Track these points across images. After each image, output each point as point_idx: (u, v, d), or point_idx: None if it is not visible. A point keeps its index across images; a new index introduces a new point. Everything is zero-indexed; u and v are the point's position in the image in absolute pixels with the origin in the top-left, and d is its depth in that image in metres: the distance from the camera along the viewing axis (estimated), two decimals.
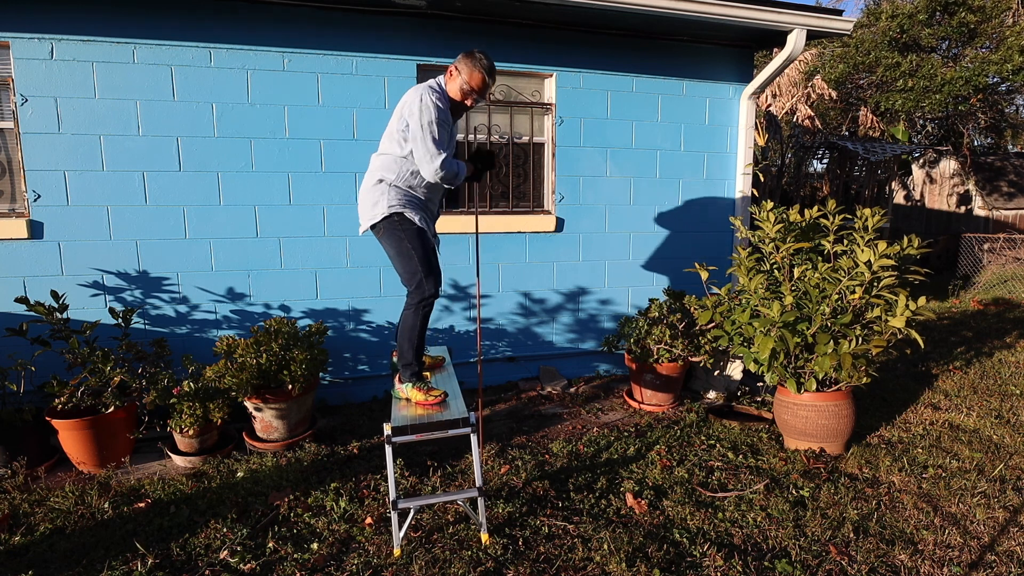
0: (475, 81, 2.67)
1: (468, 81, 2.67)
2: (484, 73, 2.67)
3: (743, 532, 2.58)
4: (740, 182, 4.99)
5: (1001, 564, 2.36)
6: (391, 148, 2.74)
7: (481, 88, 2.71)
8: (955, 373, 4.75)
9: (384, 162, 2.77)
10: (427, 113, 2.57)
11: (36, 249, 3.62)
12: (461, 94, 2.70)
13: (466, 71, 2.66)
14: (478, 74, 2.67)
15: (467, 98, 2.72)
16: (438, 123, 2.59)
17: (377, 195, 2.75)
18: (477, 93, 2.71)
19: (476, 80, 2.67)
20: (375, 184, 2.77)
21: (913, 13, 12.15)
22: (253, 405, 3.36)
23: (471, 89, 2.69)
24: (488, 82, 2.70)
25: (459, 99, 2.72)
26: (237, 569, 2.34)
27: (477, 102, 2.76)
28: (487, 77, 2.69)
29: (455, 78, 2.69)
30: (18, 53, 3.48)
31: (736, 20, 4.16)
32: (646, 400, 4.11)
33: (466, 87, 2.68)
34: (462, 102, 2.73)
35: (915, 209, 14.60)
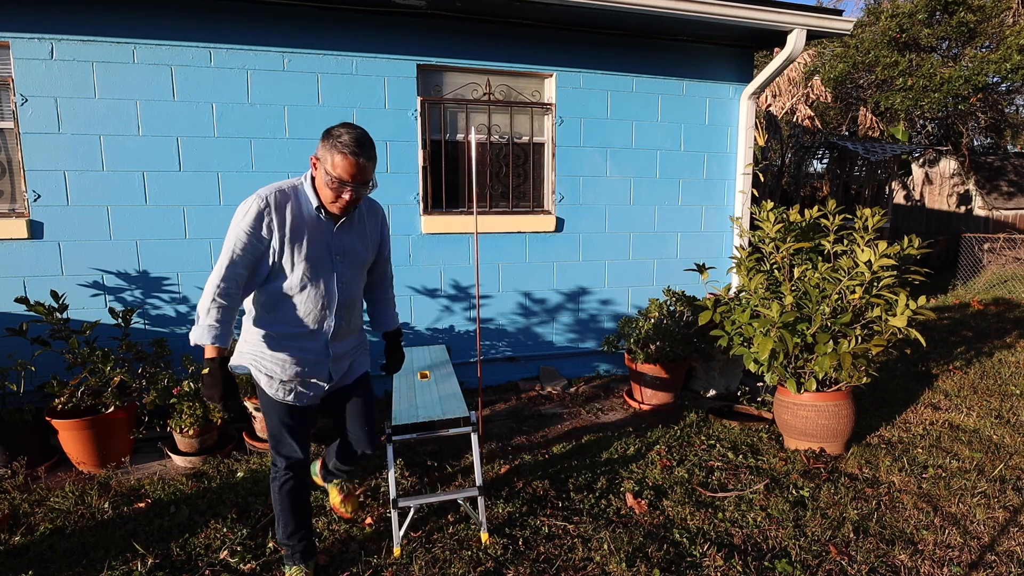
0: (340, 167, 1.85)
1: (331, 169, 1.87)
2: (348, 153, 1.84)
3: (743, 532, 2.58)
4: (740, 182, 4.99)
5: (1001, 564, 2.36)
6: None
7: (351, 174, 1.86)
8: (955, 373, 4.75)
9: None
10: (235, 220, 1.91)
11: (36, 249, 3.62)
12: (329, 188, 1.90)
13: (326, 157, 1.87)
14: (341, 158, 1.84)
15: (340, 192, 1.90)
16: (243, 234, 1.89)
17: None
18: (350, 183, 1.88)
19: (342, 165, 1.85)
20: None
21: (913, 12, 12.15)
22: (253, 405, 3.35)
23: (339, 180, 1.87)
24: (360, 163, 1.86)
25: (329, 197, 1.93)
26: (237, 569, 2.34)
27: (357, 194, 1.91)
28: (356, 157, 1.85)
29: (317, 169, 1.94)
30: (18, 53, 3.48)
31: (736, 20, 4.16)
32: (646, 400, 4.11)
33: (330, 178, 1.88)
34: (335, 199, 1.92)
35: (915, 209, 14.60)
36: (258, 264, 1.95)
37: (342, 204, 1.94)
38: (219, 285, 1.88)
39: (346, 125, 1.89)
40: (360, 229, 2.13)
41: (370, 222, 2.18)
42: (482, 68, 4.34)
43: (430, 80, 4.29)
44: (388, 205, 4.22)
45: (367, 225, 2.16)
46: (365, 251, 2.15)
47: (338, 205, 1.94)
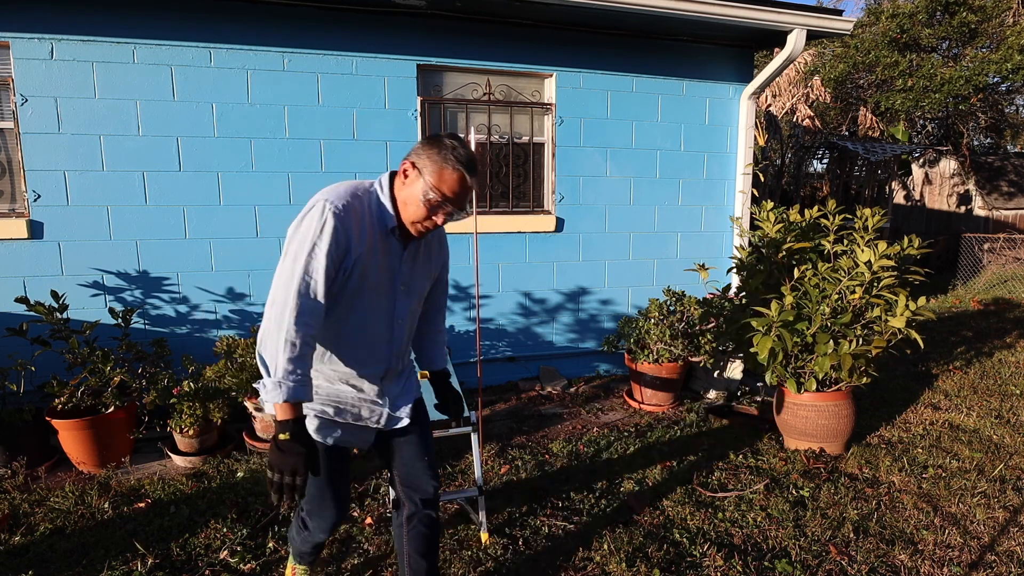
0: (448, 183, 1.54)
1: (436, 184, 1.53)
2: (462, 170, 1.54)
3: (743, 532, 2.58)
4: (740, 182, 4.99)
5: (1001, 564, 2.36)
6: None
7: (457, 194, 1.56)
8: (955, 373, 4.75)
9: None
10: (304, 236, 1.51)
11: (36, 249, 3.62)
12: (424, 206, 1.55)
13: (432, 168, 1.54)
14: (452, 172, 1.53)
15: (434, 212, 1.56)
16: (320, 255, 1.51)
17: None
18: (451, 203, 1.56)
19: (449, 181, 1.54)
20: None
21: (913, 12, 12.15)
22: (253, 405, 3.35)
23: (441, 197, 1.54)
24: (470, 184, 1.57)
25: (418, 215, 1.58)
26: (237, 569, 2.34)
27: (452, 218, 1.60)
28: (470, 176, 1.56)
29: (411, 179, 1.57)
30: (18, 53, 3.48)
31: (736, 20, 4.15)
32: (646, 400, 4.11)
33: (432, 194, 1.54)
34: (424, 219, 1.58)
35: (915, 209, 14.60)
36: None
37: (428, 226, 1.60)
38: (294, 324, 1.46)
39: (455, 137, 1.59)
40: (427, 255, 1.78)
41: (436, 247, 1.82)
42: (482, 68, 4.34)
43: (430, 80, 4.29)
44: None
45: (432, 250, 1.81)
46: (428, 280, 1.83)
47: (424, 226, 1.60)
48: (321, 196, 1.55)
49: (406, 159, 1.61)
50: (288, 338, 1.46)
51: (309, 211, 1.52)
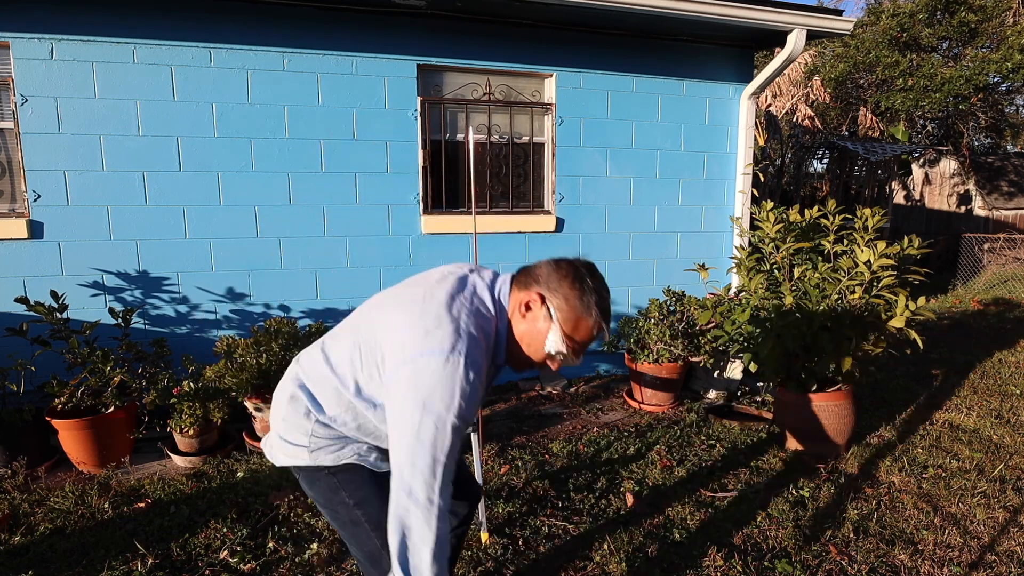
0: (583, 334, 1.36)
1: (570, 333, 1.35)
2: (602, 322, 1.36)
3: (743, 532, 2.58)
4: (740, 182, 4.99)
5: (1001, 564, 2.36)
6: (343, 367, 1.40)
7: (587, 341, 1.39)
8: (955, 373, 4.75)
9: (322, 374, 1.43)
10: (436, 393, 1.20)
11: (36, 249, 3.62)
12: (544, 353, 1.38)
13: (569, 314, 1.33)
14: (592, 324, 1.35)
15: (552, 360, 1.39)
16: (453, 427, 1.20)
17: (294, 418, 1.46)
18: (576, 349, 1.38)
19: (585, 333, 1.36)
20: (291, 398, 1.46)
21: (914, 12, 12.15)
22: (253, 405, 3.36)
23: (570, 351, 1.36)
24: (601, 331, 1.38)
25: (532, 359, 1.41)
26: (237, 569, 2.34)
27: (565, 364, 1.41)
28: (605, 326, 1.38)
29: (537, 316, 1.35)
30: (18, 53, 3.48)
31: (736, 20, 4.15)
32: (646, 400, 4.11)
33: (561, 346, 1.35)
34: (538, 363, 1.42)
35: (915, 209, 14.60)
36: None
37: (534, 367, 1.43)
38: (437, 500, 1.17)
39: (594, 273, 1.38)
40: None
41: None
42: (482, 68, 4.34)
43: (430, 80, 4.29)
44: (388, 205, 4.22)
45: None
46: None
47: (531, 365, 1.42)
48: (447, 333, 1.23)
49: (534, 286, 1.34)
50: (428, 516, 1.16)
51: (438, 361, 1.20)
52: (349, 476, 1.49)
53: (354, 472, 1.49)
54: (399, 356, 1.25)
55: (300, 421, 1.45)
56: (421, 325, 1.25)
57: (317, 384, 1.43)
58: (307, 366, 1.47)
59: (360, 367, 1.36)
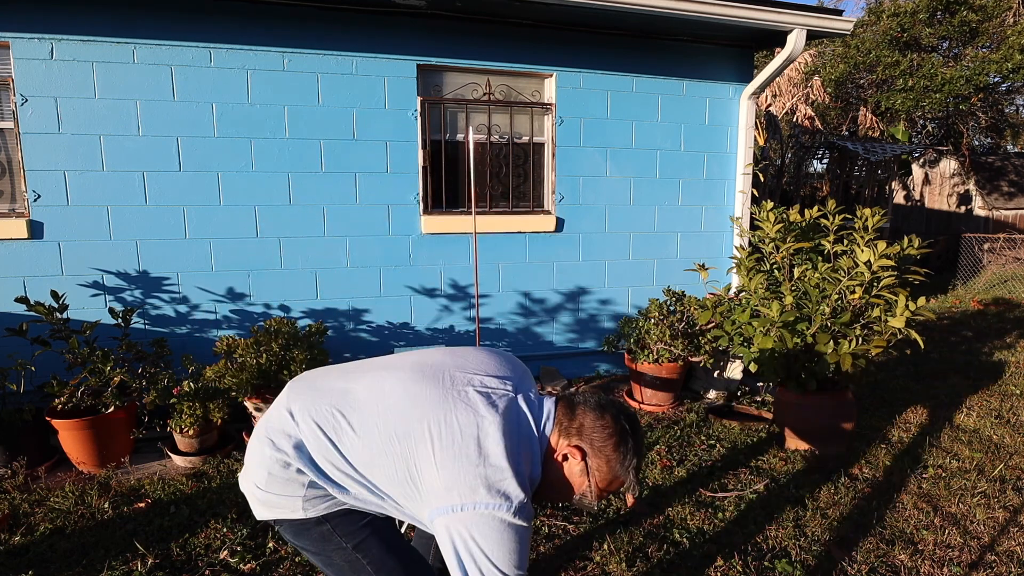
0: (614, 487, 1.36)
1: (604, 488, 1.35)
2: (634, 480, 1.36)
3: (743, 532, 2.58)
4: (740, 182, 4.99)
5: (1001, 564, 2.36)
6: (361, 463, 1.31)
7: (614, 491, 1.39)
8: (955, 373, 4.75)
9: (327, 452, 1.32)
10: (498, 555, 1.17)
11: (36, 249, 3.62)
12: (571, 498, 1.38)
13: (607, 473, 1.33)
14: (625, 481, 1.35)
15: (582, 502, 1.38)
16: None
17: (284, 475, 1.35)
18: (602, 498, 1.38)
19: (616, 486, 1.36)
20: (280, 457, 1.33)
21: (915, 11, 12.14)
22: (253, 405, 3.35)
23: (600, 492, 1.35)
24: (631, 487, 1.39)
25: (557, 499, 1.41)
26: (237, 569, 2.34)
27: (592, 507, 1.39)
28: (635, 482, 1.37)
29: (573, 470, 1.33)
30: (18, 53, 3.48)
31: (736, 20, 4.15)
32: (646, 400, 4.11)
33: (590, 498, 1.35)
34: (562, 500, 1.41)
35: (915, 209, 14.60)
36: None
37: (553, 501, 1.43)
38: None
39: (636, 430, 1.36)
40: None
41: None
42: (482, 68, 4.34)
43: (430, 80, 4.29)
44: (388, 205, 4.22)
45: None
46: None
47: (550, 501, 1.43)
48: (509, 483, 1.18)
49: (575, 437, 1.31)
50: None
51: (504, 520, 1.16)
52: (341, 520, 1.39)
53: (347, 515, 1.40)
54: (453, 499, 1.17)
55: (290, 482, 1.34)
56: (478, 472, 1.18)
57: (321, 457, 1.32)
58: (308, 435, 1.33)
59: (383, 472, 1.28)
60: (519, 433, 1.27)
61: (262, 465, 1.36)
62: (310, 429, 1.33)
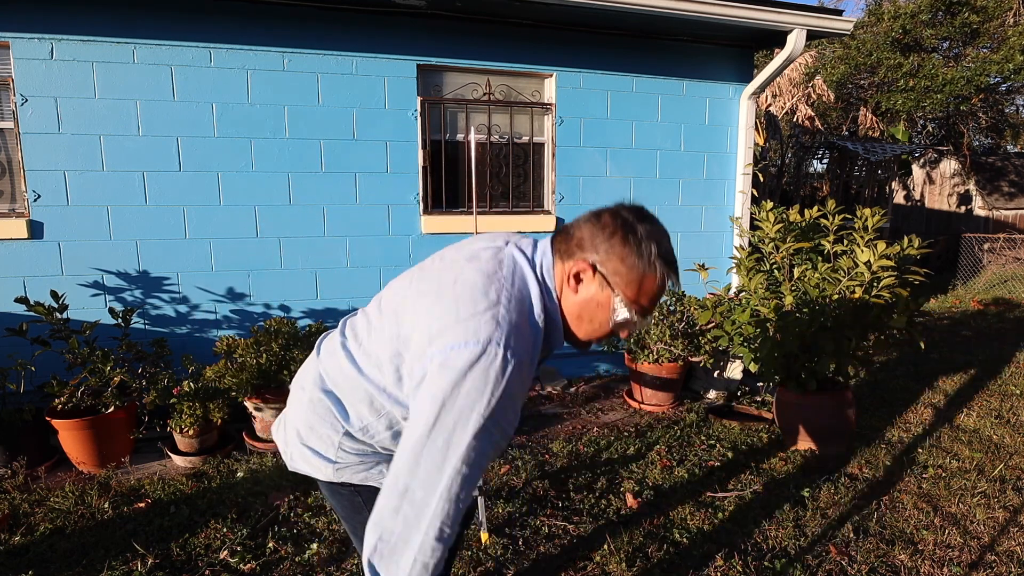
0: (650, 293, 1.16)
1: (635, 298, 1.15)
2: (667, 270, 1.16)
3: (743, 532, 2.58)
4: (740, 182, 4.99)
5: (1001, 564, 2.36)
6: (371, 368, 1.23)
7: (655, 298, 1.18)
8: (955, 373, 4.75)
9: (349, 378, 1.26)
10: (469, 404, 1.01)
11: (36, 249, 3.62)
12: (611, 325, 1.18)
13: (628, 276, 1.14)
14: (657, 278, 1.15)
15: (623, 329, 1.19)
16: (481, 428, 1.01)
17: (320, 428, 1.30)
18: (647, 310, 1.17)
19: (652, 290, 1.16)
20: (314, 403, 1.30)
21: (916, 13, 12.14)
22: (253, 405, 3.36)
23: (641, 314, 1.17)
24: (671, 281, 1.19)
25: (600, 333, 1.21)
26: (237, 569, 2.34)
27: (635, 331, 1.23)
28: (675, 275, 1.18)
29: (590, 287, 1.16)
30: (18, 53, 3.48)
31: (736, 20, 4.16)
32: (646, 400, 4.11)
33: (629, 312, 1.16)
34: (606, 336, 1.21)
35: (915, 209, 14.60)
36: None
37: (601, 340, 1.25)
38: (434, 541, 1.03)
39: (644, 217, 1.22)
40: None
41: None
42: (482, 68, 4.34)
43: (430, 80, 4.29)
44: (388, 205, 4.22)
45: None
46: None
47: (598, 340, 1.24)
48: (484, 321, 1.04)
49: (578, 253, 1.15)
50: (422, 559, 1.03)
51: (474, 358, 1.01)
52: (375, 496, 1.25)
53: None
54: (425, 351, 1.05)
55: (327, 432, 1.29)
56: (453, 313, 1.06)
57: (346, 391, 1.26)
58: (331, 369, 1.29)
59: (389, 367, 1.18)
60: (510, 278, 1.13)
61: (300, 412, 1.34)
62: (331, 360, 1.31)
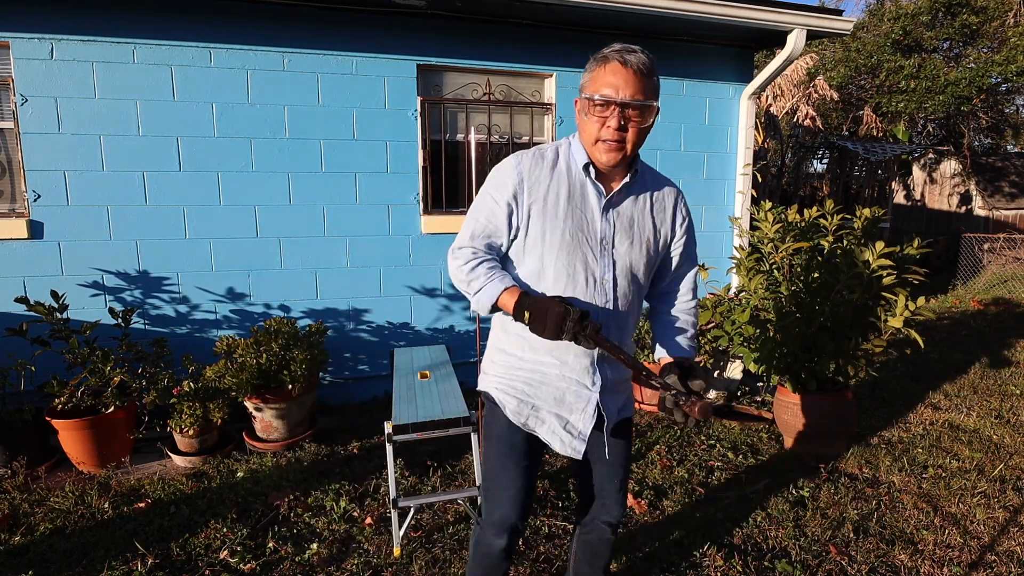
0: (602, 79, 1.41)
1: (592, 87, 1.43)
2: (614, 57, 1.40)
3: (743, 532, 2.58)
4: (740, 182, 4.99)
5: (1001, 564, 2.36)
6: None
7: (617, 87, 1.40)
8: (955, 373, 4.75)
9: None
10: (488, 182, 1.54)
11: (36, 249, 3.62)
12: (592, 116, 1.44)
13: (586, 77, 1.46)
14: (604, 66, 1.41)
15: (604, 117, 1.42)
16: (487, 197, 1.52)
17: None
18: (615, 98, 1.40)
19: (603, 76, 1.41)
20: None
21: (916, 13, 12.14)
22: (253, 405, 3.35)
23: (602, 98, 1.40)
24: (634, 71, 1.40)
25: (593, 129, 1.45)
26: (237, 569, 2.34)
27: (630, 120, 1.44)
28: (626, 65, 1.39)
29: (579, 105, 1.48)
30: (18, 53, 3.48)
31: (736, 20, 4.15)
32: (646, 400, 4.11)
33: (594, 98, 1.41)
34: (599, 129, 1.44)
35: (915, 209, 14.60)
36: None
37: (610, 140, 1.42)
38: (467, 247, 1.51)
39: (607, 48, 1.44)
40: (644, 208, 1.56)
41: (661, 202, 1.60)
42: (482, 68, 4.34)
43: (430, 80, 4.29)
44: (388, 205, 4.22)
45: (655, 205, 1.58)
46: (648, 244, 1.56)
47: (605, 144, 1.43)
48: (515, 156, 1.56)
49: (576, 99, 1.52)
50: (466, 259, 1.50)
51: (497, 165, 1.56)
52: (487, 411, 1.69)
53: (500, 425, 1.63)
54: None
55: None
56: None
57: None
58: None
59: None
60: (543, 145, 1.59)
61: None
62: None
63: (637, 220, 1.56)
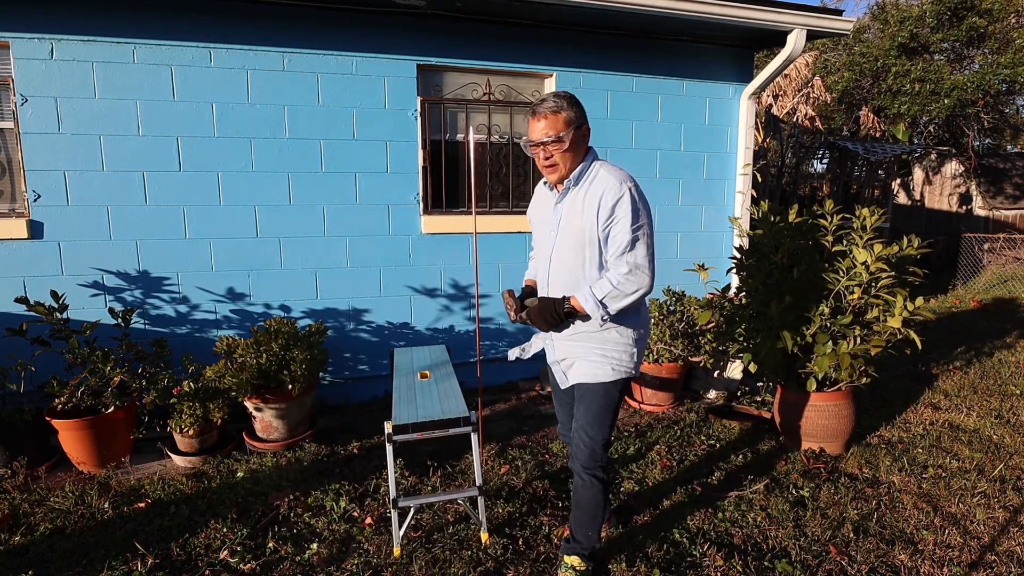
0: (528, 131, 2.11)
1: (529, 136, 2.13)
2: (530, 115, 2.09)
3: (743, 532, 2.58)
4: (740, 182, 4.99)
5: (1001, 564, 2.36)
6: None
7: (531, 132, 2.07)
8: (955, 373, 4.75)
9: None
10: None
11: (36, 249, 3.62)
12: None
13: None
14: (528, 119, 2.10)
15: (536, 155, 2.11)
16: None
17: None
18: (531, 142, 2.08)
19: (529, 129, 2.10)
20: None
21: (922, 16, 12.11)
22: (253, 405, 3.36)
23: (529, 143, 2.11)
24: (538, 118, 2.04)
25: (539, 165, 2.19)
26: (237, 569, 2.34)
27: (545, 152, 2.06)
28: (533, 115, 2.06)
29: None
30: (18, 53, 3.48)
31: (736, 20, 4.16)
32: (646, 400, 4.11)
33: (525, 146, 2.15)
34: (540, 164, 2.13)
35: (915, 209, 14.60)
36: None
37: (545, 167, 2.08)
38: None
39: None
40: (582, 201, 2.07)
41: (593, 195, 2.05)
42: (482, 68, 4.34)
43: (430, 80, 4.29)
44: (388, 205, 4.22)
45: (587, 199, 2.06)
46: (577, 228, 2.07)
47: (544, 169, 2.10)
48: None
49: None
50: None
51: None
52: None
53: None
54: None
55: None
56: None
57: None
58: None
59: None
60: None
61: None
62: None
63: (575, 210, 2.09)
